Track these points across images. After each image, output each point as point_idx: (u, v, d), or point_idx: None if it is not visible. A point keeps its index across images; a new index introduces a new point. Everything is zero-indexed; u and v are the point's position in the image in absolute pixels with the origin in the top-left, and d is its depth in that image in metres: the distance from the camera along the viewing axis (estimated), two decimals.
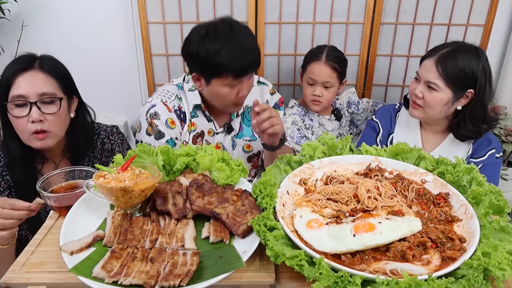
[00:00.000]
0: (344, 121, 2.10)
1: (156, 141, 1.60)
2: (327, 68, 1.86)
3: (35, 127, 1.31)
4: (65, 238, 0.89)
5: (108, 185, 0.93)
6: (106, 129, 1.57)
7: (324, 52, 1.87)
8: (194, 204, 0.98)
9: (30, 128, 1.31)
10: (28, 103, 1.30)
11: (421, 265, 0.81)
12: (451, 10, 2.11)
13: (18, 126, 1.33)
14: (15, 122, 1.32)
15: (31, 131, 1.32)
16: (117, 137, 1.58)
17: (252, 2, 2.07)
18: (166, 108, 1.62)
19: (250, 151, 1.81)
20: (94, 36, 2.25)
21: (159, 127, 1.60)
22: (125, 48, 2.26)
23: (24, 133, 1.33)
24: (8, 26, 2.15)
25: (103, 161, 1.54)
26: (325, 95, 1.91)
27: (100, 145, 1.54)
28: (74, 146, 1.48)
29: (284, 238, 0.86)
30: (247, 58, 1.48)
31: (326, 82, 1.88)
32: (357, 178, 1.08)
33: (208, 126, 1.72)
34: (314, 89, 1.90)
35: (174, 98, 1.65)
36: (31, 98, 1.30)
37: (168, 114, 1.62)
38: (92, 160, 1.52)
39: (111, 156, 1.53)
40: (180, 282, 0.78)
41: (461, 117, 1.62)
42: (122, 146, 1.59)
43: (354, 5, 2.10)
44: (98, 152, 1.53)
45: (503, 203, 0.93)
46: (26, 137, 1.34)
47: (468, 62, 1.53)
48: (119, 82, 2.36)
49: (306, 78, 1.92)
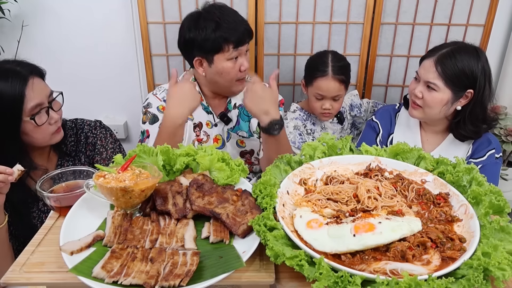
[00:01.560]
0: (346, 124, 2.10)
1: (151, 126, 1.70)
2: (335, 83, 1.83)
3: (57, 125, 1.41)
4: (65, 238, 0.89)
5: (108, 185, 0.93)
6: (90, 124, 1.60)
7: (329, 66, 1.82)
8: (194, 204, 0.98)
9: (51, 130, 1.39)
10: (45, 108, 1.36)
11: (421, 265, 0.81)
12: (451, 10, 2.11)
13: (40, 132, 1.37)
14: (37, 130, 1.35)
15: (53, 132, 1.40)
16: (100, 131, 1.60)
17: (252, 2, 2.07)
18: (156, 98, 1.74)
19: (243, 146, 1.85)
20: (94, 36, 2.25)
21: (152, 112, 1.72)
22: (125, 48, 2.26)
23: (46, 137, 1.39)
24: (8, 26, 2.15)
25: (88, 155, 1.57)
26: (335, 107, 1.91)
27: (84, 139, 1.57)
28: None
29: (284, 238, 0.86)
30: (241, 27, 1.61)
31: (335, 96, 1.87)
32: (357, 178, 1.08)
33: (206, 117, 1.77)
34: (323, 103, 1.89)
35: (163, 91, 1.76)
36: (45, 103, 1.36)
37: (158, 102, 1.73)
38: (79, 155, 1.56)
39: (95, 150, 1.57)
40: (180, 282, 0.78)
41: (460, 117, 1.62)
42: (106, 140, 1.60)
43: (354, 5, 2.10)
44: (83, 146, 1.57)
45: (503, 203, 0.93)
46: (47, 139, 1.40)
47: (467, 62, 1.53)
48: (119, 82, 2.36)
49: (313, 92, 1.89)
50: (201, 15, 1.62)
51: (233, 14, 1.65)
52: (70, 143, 1.55)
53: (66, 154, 1.53)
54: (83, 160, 1.55)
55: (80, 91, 2.28)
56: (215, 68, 1.63)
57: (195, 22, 1.62)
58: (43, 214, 1.46)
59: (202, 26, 1.59)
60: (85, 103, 2.24)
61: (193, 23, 1.62)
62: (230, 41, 1.58)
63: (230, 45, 1.59)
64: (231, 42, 1.58)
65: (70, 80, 2.19)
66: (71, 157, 1.54)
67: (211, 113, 1.77)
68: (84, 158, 1.55)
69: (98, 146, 1.57)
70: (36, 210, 1.46)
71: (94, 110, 2.41)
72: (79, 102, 1.77)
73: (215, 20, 1.58)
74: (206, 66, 1.65)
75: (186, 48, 1.67)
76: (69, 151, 1.54)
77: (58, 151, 1.52)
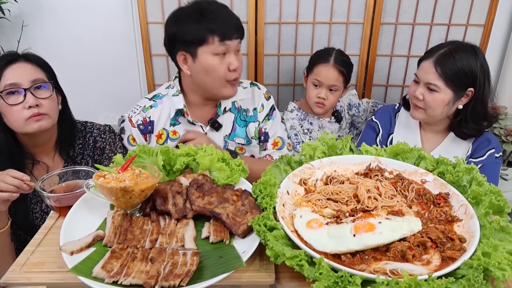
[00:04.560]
0: (344, 124, 2.10)
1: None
2: (335, 71, 1.85)
3: (32, 111, 1.33)
4: (65, 238, 0.89)
5: (108, 185, 0.93)
6: (99, 128, 1.59)
7: (332, 55, 1.86)
8: (194, 204, 0.98)
9: (25, 115, 1.33)
10: (22, 90, 1.33)
11: (421, 265, 0.81)
12: (451, 10, 2.11)
13: (12, 114, 1.33)
14: (9, 110, 1.33)
15: (27, 117, 1.33)
16: (109, 136, 1.58)
17: (252, 2, 2.07)
18: (130, 123, 1.60)
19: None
20: (94, 36, 2.25)
21: (123, 141, 1.63)
22: (125, 48, 2.26)
23: (19, 121, 1.34)
24: (8, 26, 2.15)
25: (96, 159, 1.55)
26: (330, 98, 1.91)
27: (92, 143, 1.55)
28: (63, 138, 1.50)
29: (284, 238, 0.86)
30: (231, 20, 1.48)
31: (332, 85, 1.88)
32: (357, 178, 1.08)
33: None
34: (319, 91, 1.90)
35: (139, 112, 1.61)
36: (24, 85, 1.33)
37: (130, 130, 1.61)
38: (86, 158, 1.54)
39: (103, 154, 1.56)
40: (180, 282, 0.78)
41: (462, 116, 1.62)
42: (114, 145, 1.59)
43: (354, 5, 2.10)
44: (91, 150, 1.54)
45: (503, 203, 0.93)
46: (21, 124, 1.34)
47: (466, 61, 1.53)
48: (119, 82, 2.36)
49: (311, 79, 1.91)
50: (186, 8, 1.50)
51: (223, 8, 1.51)
52: (78, 145, 1.53)
53: (72, 160, 1.50)
54: (90, 164, 1.52)
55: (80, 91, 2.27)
56: (200, 63, 1.48)
57: (178, 14, 1.50)
58: (46, 215, 1.45)
59: (186, 16, 1.47)
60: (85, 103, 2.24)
61: (176, 16, 1.50)
62: (215, 32, 1.43)
63: (216, 37, 1.44)
64: (217, 33, 1.44)
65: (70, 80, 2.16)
66: (77, 163, 1.51)
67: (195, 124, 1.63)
68: (91, 162, 1.53)
69: (107, 151, 1.56)
70: (39, 210, 1.45)
71: (94, 110, 2.41)
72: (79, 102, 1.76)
73: (199, 10, 1.46)
74: (190, 62, 1.50)
75: (170, 43, 1.53)
76: (76, 154, 1.52)
77: (65, 156, 1.50)
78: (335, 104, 1.99)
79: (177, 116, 1.62)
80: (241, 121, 1.71)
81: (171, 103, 1.61)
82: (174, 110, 1.60)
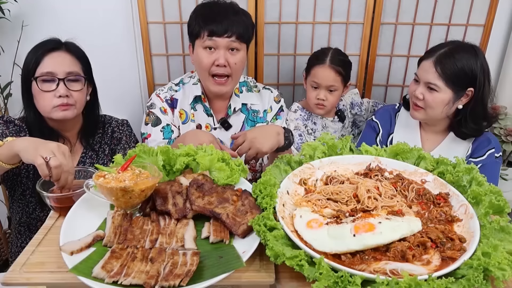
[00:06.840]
0: (347, 123, 2.10)
1: (153, 128, 1.69)
2: (331, 72, 1.85)
3: (61, 101, 1.42)
4: (65, 238, 0.89)
5: (108, 185, 0.93)
6: (117, 120, 1.71)
7: (328, 56, 1.86)
8: (194, 204, 0.98)
9: (54, 102, 1.41)
10: (56, 79, 1.41)
11: (421, 265, 0.81)
12: (451, 10, 2.11)
13: (43, 99, 1.42)
14: (41, 95, 1.41)
15: (55, 105, 1.41)
16: (126, 129, 1.71)
17: (252, 2, 2.06)
18: (159, 98, 1.73)
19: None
20: (94, 36, 2.24)
21: (156, 114, 1.71)
22: (125, 48, 2.26)
23: (46, 107, 1.42)
24: (8, 26, 2.15)
25: (112, 148, 1.66)
26: (329, 99, 1.91)
27: (110, 133, 1.66)
28: (87, 128, 1.59)
29: (284, 238, 0.87)
30: (224, 20, 1.56)
31: (330, 86, 1.87)
32: (357, 178, 1.08)
33: (206, 120, 1.75)
34: (318, 92, 1.90)
35: (167, 90, 1.75)
36: (59, 75, 1.42)
37: (161, 103, 1.73)
38: (103, 146, 1.63)
39: (119, 144, 1.66)
40: (180, 282, 0.78)
41: (462, 116, 1.62)
42: (130, 138, 1.71)
43: (354, 5, 2.10)
44: (109, 139, 1.65)
45: (503, 203, 0.93)
46: (48, 109, 1.43)
47: (466, 61, 1.53)
48: (119, 82, 2.35)
49: (310, 81, 1.91)
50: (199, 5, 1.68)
51: (224, 8, 1.62)
52: (97, 134, 1.63)
53: (91, 148, 1.59)
54: (107, 151, 1.63)
55: None
56: (196, 54, 1.63)
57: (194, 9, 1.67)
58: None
59: (194, 12, 1.64)
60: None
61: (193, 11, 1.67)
62: (205, 28, 1.57)
63: (205, 32, 1.57)
64: (206, 29, 1.56)
65: None
66: (95, 151, 1.60)
67: (212, 116, 1.75)
68: (108, 150, 1.64)
69: (123, 142, 1.67)
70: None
71: None
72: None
73: (204, 7, 1.62)
74: (192, 53, 1.67)
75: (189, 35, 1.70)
76: (95, 142, 1.61)
77: (85, 143, 1.58)
78: (335, 104, 1.99)
79: (195, 103, 1.74)
80: (250, 122, 1.80)
81: (191, 90, 1.73)
82: (192, 96, 1.72)
